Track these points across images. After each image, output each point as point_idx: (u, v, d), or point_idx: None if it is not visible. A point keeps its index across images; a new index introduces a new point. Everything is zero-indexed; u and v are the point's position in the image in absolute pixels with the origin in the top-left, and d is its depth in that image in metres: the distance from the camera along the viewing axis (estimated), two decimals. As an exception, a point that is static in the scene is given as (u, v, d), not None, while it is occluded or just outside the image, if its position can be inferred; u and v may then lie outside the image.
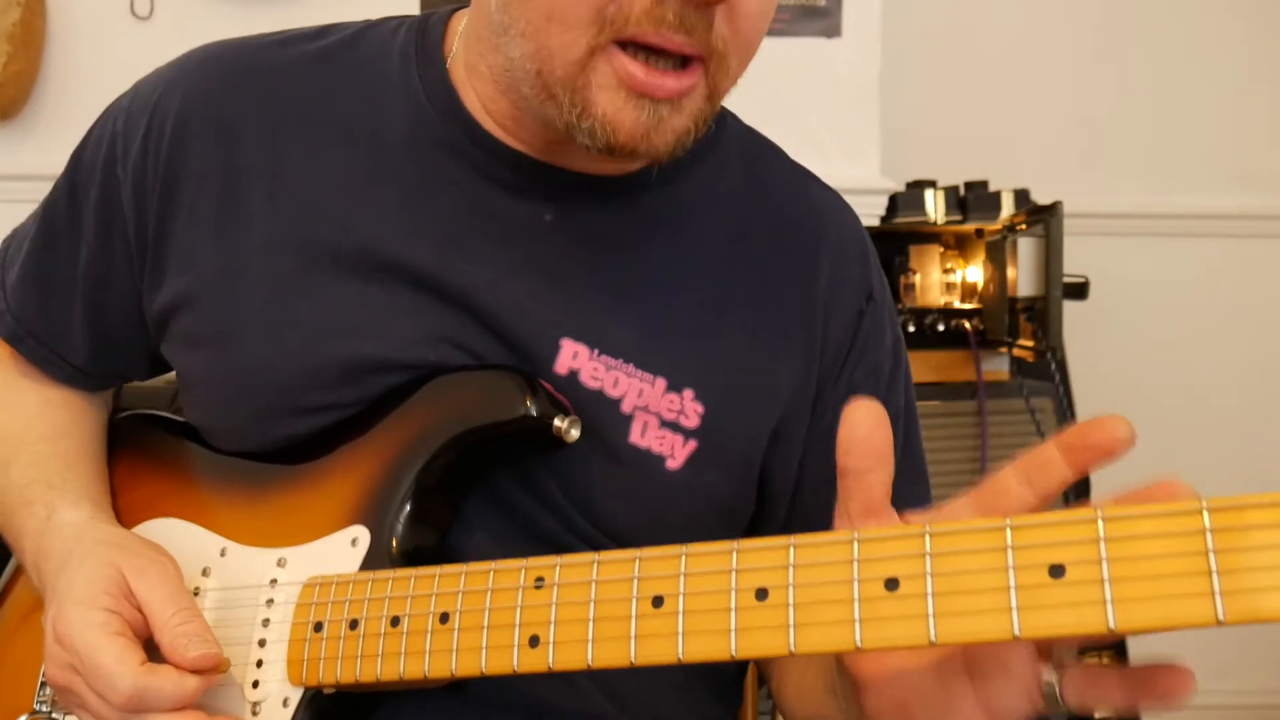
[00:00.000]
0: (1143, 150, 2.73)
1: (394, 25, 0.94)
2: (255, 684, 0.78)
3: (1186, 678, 0.54)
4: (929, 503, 0.96)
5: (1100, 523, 0.52)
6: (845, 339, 0.92)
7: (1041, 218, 2.18)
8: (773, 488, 0.91)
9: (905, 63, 2.56)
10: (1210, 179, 2.73)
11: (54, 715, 0.86)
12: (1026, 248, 2.21)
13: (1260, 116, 2.73)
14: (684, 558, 0.63)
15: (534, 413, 0.79)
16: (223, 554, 0.85)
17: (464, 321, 0.85)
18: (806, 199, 0.96)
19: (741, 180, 0.93)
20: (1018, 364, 2.29)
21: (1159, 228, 2.74)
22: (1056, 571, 0.53)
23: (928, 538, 0.56)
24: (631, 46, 0.73)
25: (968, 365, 2.25)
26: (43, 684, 0.87)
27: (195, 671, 0.76)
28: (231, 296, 0.87)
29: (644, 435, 0.85)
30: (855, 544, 0.58)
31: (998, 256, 2.23)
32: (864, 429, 0.60)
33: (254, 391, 0.86)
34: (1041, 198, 2.25)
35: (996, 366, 2.29)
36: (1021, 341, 2.21)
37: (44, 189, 0.98)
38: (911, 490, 0.94)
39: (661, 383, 0.85)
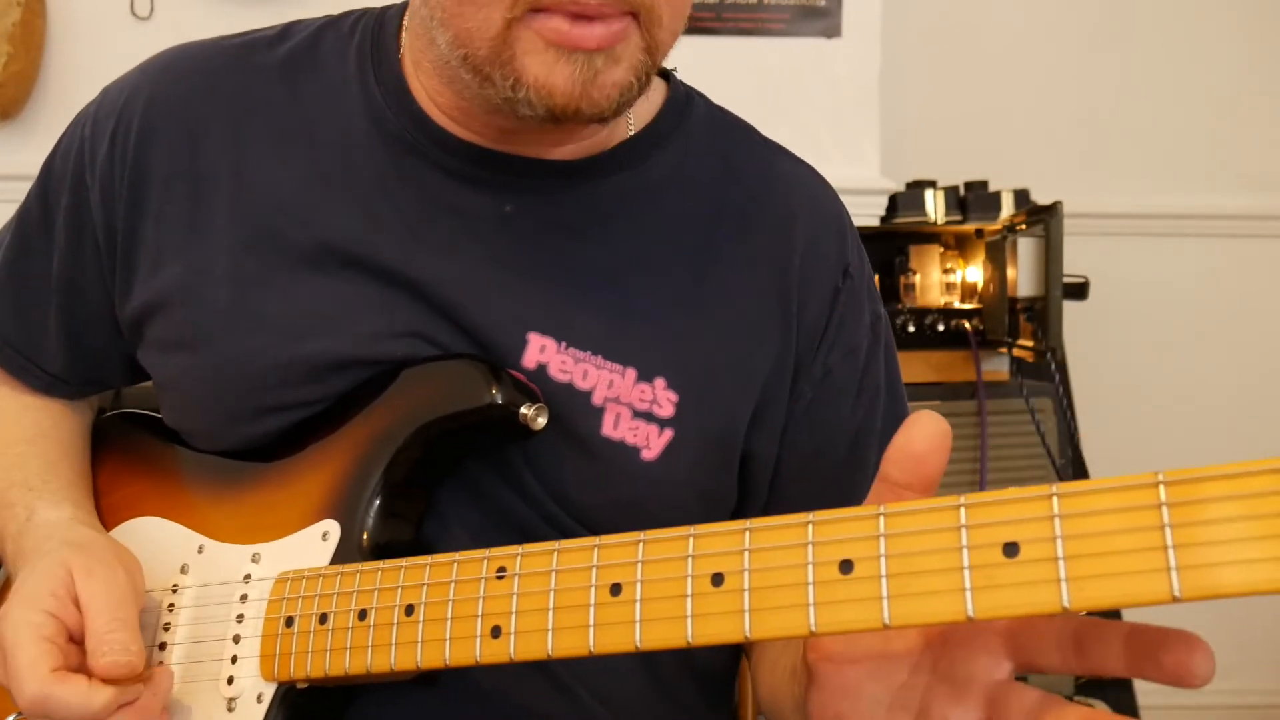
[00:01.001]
0: (1143, 150, 2.73)
1: (352, 21, 0.94)
2: (230, 680, 0.78)
3: (1200, 654, 0.49)
4: None
5: (1055, 499, 0.51)
6: (821, 318, 0.90)
7: (1041, 218, 2.17)
8: (753, 472, 0.91)
9: (905, 63, 2.56)
10: (1210, 179, 2.73)
11: None
12: (1026, 248, 2.21)
13: (1260, 116, 2.72)
14: (641, 544, 0.62)
15: (499, 400, 0.79)
16: (200, 551, 0.86)
17: (430, 316, 0.84)
18: (779, 176, 0.95)
19: (711, 161, 0.92)
20: (1018, 364, 2.28)
21: (1159, 228, 2.73)
22: (1011, 550, 0.52)
23: (881, 519, 0.55)
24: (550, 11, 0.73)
25: (968, 365, 2.24)
26: None
27: (107, 680, 0.75)
28: (199, 299, 0.87)
29: (616, 427, 0.84)
30: (810, 527, 0.57)
31: (998, 256, 2.22)
32: (921, 447, 0.57)
33: (224, 393, 0.87)
34: (1041, 198, 2.24)
35: (996, 366, 2.28)
36: (1021, 341, 2.21)
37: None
38: None
39: (631, 373, 0.84)
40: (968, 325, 2.25)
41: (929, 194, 2.30)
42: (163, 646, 0.82)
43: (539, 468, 0.84)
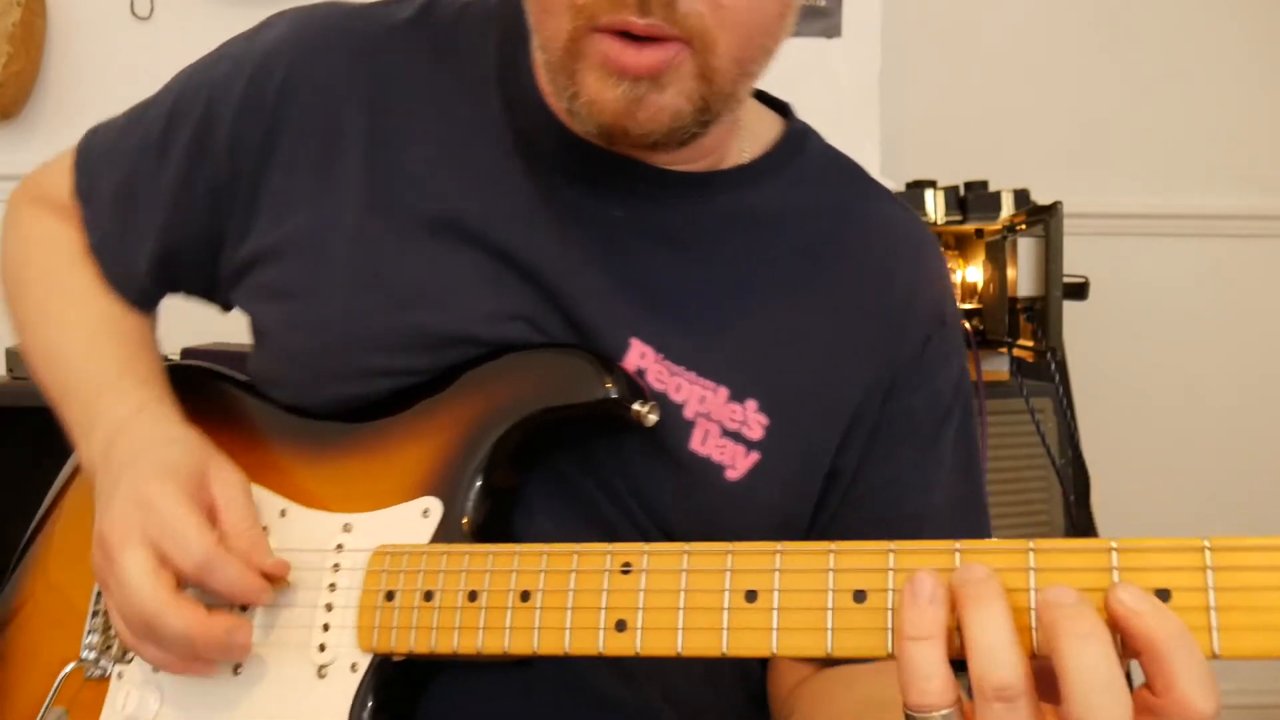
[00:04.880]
0: (1143, 150, 2.73)
1: (497, 1, 0.95)
2: (322, 647, 0.79)
3: None
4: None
5: (1207, 551, 0.54)
6: (912, 360, 0.91)
7: (1041, 218, 2.17)
8: (830, 487, 0.91)
9: (905, 63, 2.56)
10: (1210, 179, 2.73)
11: (101, 662, 0.85)
12: (1026, 248, 2.21)
13: (1260, 116, 2.73)
14: (779, 555, 0.64)
15: (613, 395, 0.80)
16: (283, 515, 0.85)
17: (540, 303, 0.86)
18: (887, 218, 0.96)
19: (821, 196, 0.93)
20: (1018, 364, 2.28)
21: (1159, 228, 2.73)
22: (1162, 596, 0.54)
23: (1031, 554, 0.57)
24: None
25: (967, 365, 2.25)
26: (89, 631, 0.87)
27: (267, 578, 0.78)
28: (319, 252, 0.88)
29: (704, 443, 0.85)
30: (956, 554, 0.59)
31: (998, 256, 2.22)
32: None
33: (328, 349, 0.88)
34: (1041, 198, 2.24)
35: (996, 366, 2.29)
36: (1021, 341, 2.21)
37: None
38: (972, 525, 0.94)
39: (724, 391, 0.85)
40: (968, 325, 2.25)
41: (929, 194, 2.30)
42: (244, 607, 0.82)
43: (626, 469, 0.85)
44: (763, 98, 1.00)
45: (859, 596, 0.61)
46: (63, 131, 2.40)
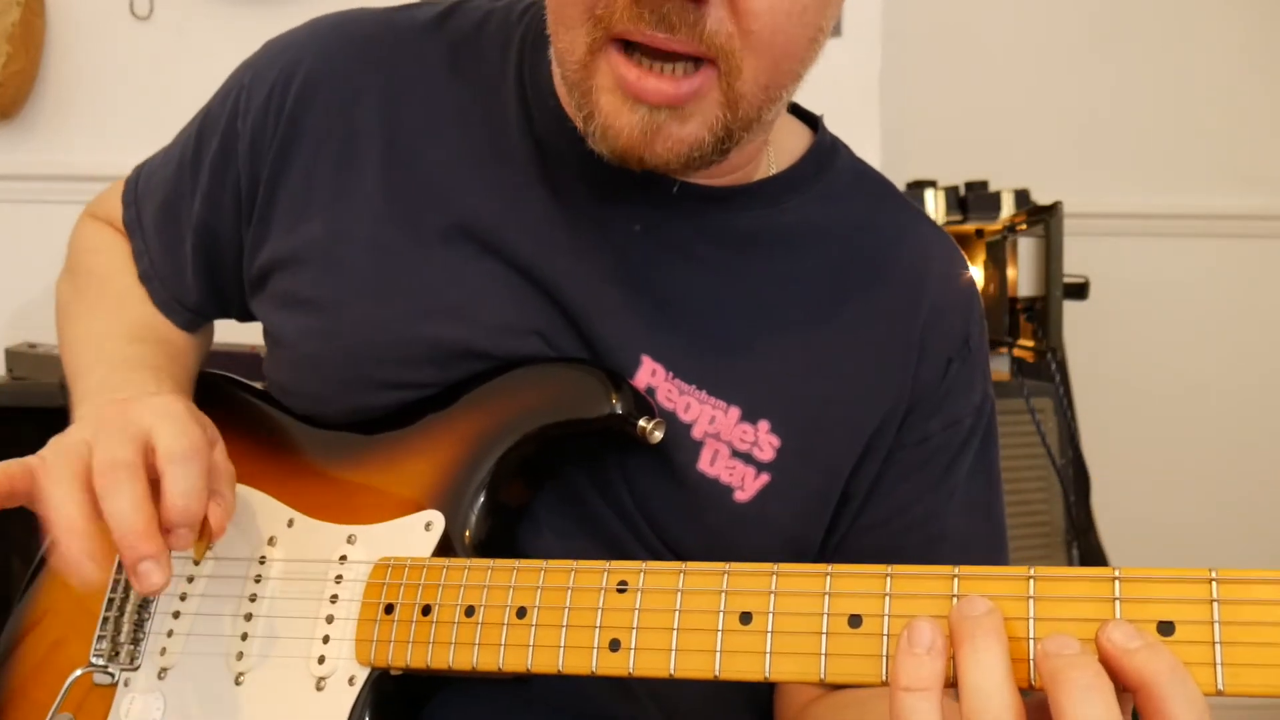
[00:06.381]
0: (1143, 150, 2.73)
1: (521, 9, 0.93)
2: (321, 659, 0.78)
3: None
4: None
5: (1214, 584, 0.53)
6: (933, 383, 0.88)
7: (1041, 218, 2.18)
8: (841, 511, 0.89)
9: (905, 62, 2.56)
10: (1210, 179, 2.73)
11: (110, 669, 0.85)
12: (1026, 248, 2.21)
13: (1260, 116, 2.73)
14: (775, 576, 0.63)
15: (619, 411, 0.79)
16: (290, 525, 0.85)
17: (555, 317, 0.84)
18: (915, 237, 0.93)
19: (848, 213, 0.91)
20: (1018, 364, 2.29)
21: (1159, 228, 2.73)
22: (1165, 629, 0.53)
23: (1031, 582, 0.56)
24: (631, 48, 0.71)
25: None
26: (99, 637, 0.86)
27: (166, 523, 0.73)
28: (337, 261, 0.87)
29: (713, 464, 0.83)
30: (955, 580, 0.58)
31: (998, 256, 2.22)
32: None
33: (341, 359, 0.87)
34: (1041, 198, 2.25)
35: (997, 366, 2.29)
36: (1021, 341, 2.21)
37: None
38: (988, 559, 0.92)
39: (735, 411, 0.84)
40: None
41: (929, 194, 2.30)
42: (249, 617, 0.82)
43: (634, 486, 0.84)
44: (793, 109, 0.97)
45: (854, 621, 0.60)
46: (62, 131, 2.38)
